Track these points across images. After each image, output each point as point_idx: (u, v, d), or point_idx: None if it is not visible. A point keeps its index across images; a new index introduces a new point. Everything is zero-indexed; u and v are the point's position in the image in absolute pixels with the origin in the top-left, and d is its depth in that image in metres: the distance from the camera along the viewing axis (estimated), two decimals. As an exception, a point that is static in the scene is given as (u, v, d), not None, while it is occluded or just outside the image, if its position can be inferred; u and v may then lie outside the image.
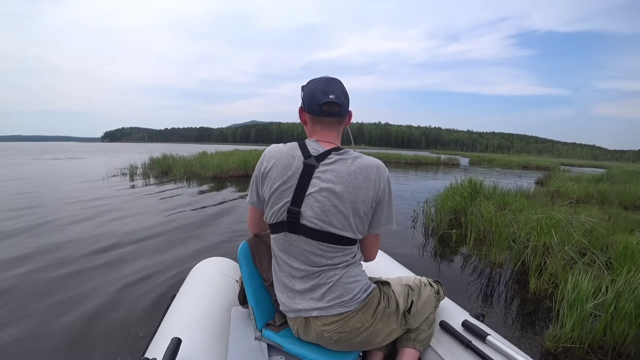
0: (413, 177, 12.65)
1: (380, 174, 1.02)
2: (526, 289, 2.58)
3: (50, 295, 2.28)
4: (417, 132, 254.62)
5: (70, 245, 3.30)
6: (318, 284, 1.02)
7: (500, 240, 3.21)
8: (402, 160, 22.30)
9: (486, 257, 3.27)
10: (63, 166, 14.24)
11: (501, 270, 2.99)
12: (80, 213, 4.77)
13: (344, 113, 1.07)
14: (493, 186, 5.73)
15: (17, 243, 3.33)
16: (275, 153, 1.04)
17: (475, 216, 3.95)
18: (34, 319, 1.99)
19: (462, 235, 3.94)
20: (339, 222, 0.98)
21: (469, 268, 3.09)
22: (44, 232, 3.76)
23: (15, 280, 2.47)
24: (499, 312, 2.28)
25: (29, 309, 2.10)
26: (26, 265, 2.75)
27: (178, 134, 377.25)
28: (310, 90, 1.04)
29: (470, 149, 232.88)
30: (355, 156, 1.03)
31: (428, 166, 20.00)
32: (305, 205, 0.98)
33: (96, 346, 1.75)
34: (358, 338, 1.05)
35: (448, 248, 3.68)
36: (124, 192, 6.85)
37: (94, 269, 2.75)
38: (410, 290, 1.20)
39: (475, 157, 34.01)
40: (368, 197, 1.00)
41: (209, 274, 1.64)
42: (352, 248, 1.05)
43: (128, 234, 3.79)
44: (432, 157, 25.12)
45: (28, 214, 4.60)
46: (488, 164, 26.87)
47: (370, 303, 1.06)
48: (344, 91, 1.06)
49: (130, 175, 9.66)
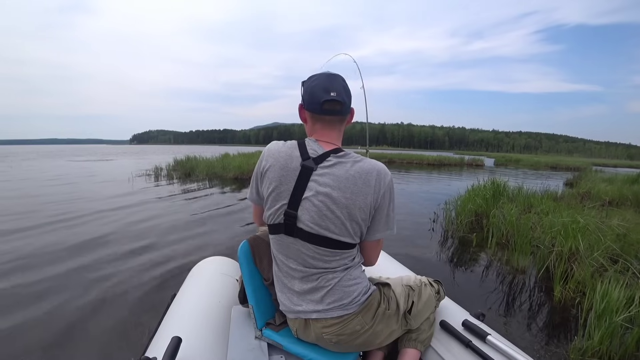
0: (435, 178, 12.37)
1: (380, 179, 0.97)
2: (550, 297, 2.44)
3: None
4: (440, 133, 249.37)
5: (103, 237, 3.47)
6: (317, 286, 1.00)
7: (523, 244, 3.06)
8: (424, 161, 21.88)
9: (508, 262, 3.12)
10: (91, 167, 14.93)
11: (524, 277, 2.85)
12: (102, 208, 4.97)
13: (345, 111, 1.03)
14: (518, 188, 5.50)
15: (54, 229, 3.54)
16: (274, 152, 1.01)
17: (498, 219, 3.79)
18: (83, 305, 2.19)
19: (483, 238, 3.79)
20: (336, 227, 0.95)
21: (489, 273, 2.96)
22: (72, 221, 3.96)
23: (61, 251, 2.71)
24: (520, 320, 2.16)
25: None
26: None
27: (202, 136, 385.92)
28: (310, 87, 1.00)
29: (495, 149, 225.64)
30: (355, 159, 0.98)
31: (451, 167, 19.52)
32: (302, 208, 0.95)
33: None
34: (358, 340, 1.04)
35: (468, 252, 3.54)
36: (146, 192, 7.08)
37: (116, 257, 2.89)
38: (410, 290, 1.18)
39: (500, 158, 32.78)
40: (366, 204, 0.96)
41: (209, 273, 1.64)
42: (350, 252, 1.02)
43: (147, 228, 3.90)
44: (456, 157, 24.55)
45: (53, 208, 4.83)
46: (514, 164, 25.95)
47: (370, 305, 1.04)
48: (346, 88, 1.02)
49: (155, 177, 10.06)
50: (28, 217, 4.58)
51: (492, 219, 3.89)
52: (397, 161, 22.54)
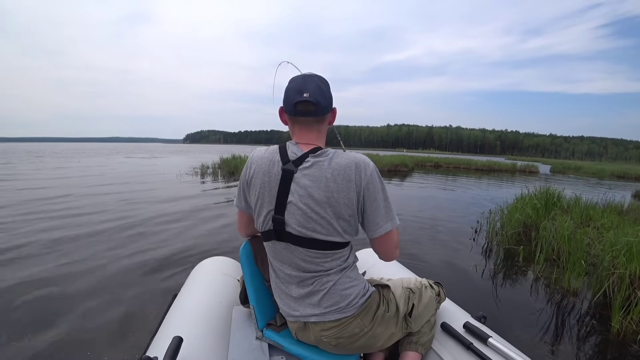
0: (483, 184, 11.67)
1: (360, 171, 0.94)
2: (607, 327, 2.12)
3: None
4: (491, 137, 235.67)
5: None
6: (313, 290, 1.00)
7: (576, 262, 2.72)
8: (472, 166, 20.83)
9: (557, 281, 2.79)
10: (146, 164, 16.19)
11: (575, 300, 2.52)
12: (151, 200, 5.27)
13: (320, 112, 0.99)
14: (575, 198, 4.98)
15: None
16: (257, 159, 1.01)
17: (548, 232, 3.43)
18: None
19: (531, 253, 3.45)
20: (323, 227, 0.94)
21: (534, 292, 2.67)
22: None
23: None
24: (570, 349, 1.89)
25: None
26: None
27: (250, 136, 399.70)
28: (287, 89, 0.99)
29: (553, 155, 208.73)
30: (331, 156, 0.95)
31: (501, 173, 18.36)
32: (288, 213, 0.95)
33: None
34: (357, 343, 1.04)
35: (512, 266, 3.23)
36: (192, 187, 7.43)
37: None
38: (411, 293, 1.18)
39: (558, 165, 30.17)
40: (350, 199, 0.93)
41: (210, 273, 1.64)
42: (342, 252, 1.00)
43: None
44: (507, 163, 23.11)
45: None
46: (573, 172, 23.76)
47: (369, 308, 1.03)
48: (322, 88, 0.98)
49: (201, 174, 10.78)
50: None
51: (542, 231, 3.53)
52: (444, 165, 21.75)
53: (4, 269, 2.70)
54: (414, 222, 5.02)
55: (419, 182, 11.45)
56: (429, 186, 10.31)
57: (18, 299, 2.21)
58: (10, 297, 2.22)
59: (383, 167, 15.88)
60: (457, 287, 2.68)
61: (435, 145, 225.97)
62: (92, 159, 18.92)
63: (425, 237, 4.23)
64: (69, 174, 10.57)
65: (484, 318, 1.29)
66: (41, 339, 1.80)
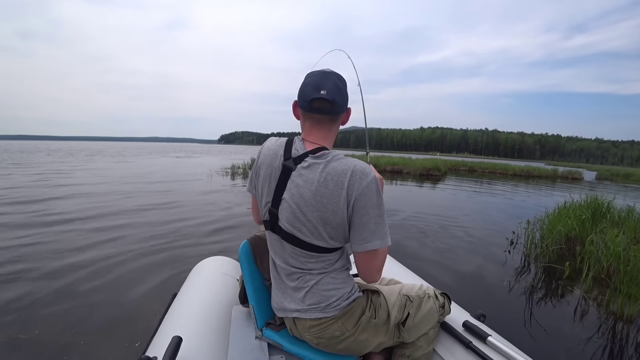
0: (520, 191, 10.96)
1: (356, 180, 0.90)
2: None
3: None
4: (530, 140, 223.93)
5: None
6: (298, 286, 1.00)
7: (632, 284, 2.36)
8: (509, 172, 19.87)
9: (608, 305, 2.44)
10: (181, 163, 16.84)
11: (630, 328, 2.18)
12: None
13: (335, 111, 0.97)
14: (627, 209, 4.48)
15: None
16: (266, 149, 1.02)
17: (597, 247, 3.05)
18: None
19: (575, 270, 3.08)
20: (308, 230, 0.94)
21: (579, 317, 2.34)
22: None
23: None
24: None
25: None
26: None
27: (283, 137, 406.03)
28: (303, 84, 0.98)
29: (599, 160, 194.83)
30: (329, 160, 0.93)
31: (540, 179, 17.28)
32: (281, 208, 0.96)
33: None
34: (339, 346, 1.02)
35: (553, 285, 2.89)
36: (221, 185, 7.53)
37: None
38: (408, 300, 1.11)
39: (605, 171, 27.90)
40: (339, 206, 0.90)
41: (210, 272, 1.64)
42: (327, 256, 0.98)
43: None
44: (547, 169, 21.80)
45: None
46: (622, 179, 21.88)
47: (352, 312, 1.01)
48: (339, 87, 0.96)
49: (231, 174, 11.23)
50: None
51: (589, 246, 3.16)
52: (479, 170, 20.92)
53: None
54: (443, 229, 4.73)
55: (451, 187, 11.00)
56: (462, 191, 9.84)
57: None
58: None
59: (415, 170, 15.46)
60: (485, 305, 2.43)
61: (470, 149, 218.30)
62: (145, 159, 19.93)
63: (455, 245, 3.95)
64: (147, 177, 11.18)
65: (483, 317, 1.29)
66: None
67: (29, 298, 2.24)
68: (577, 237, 3.66)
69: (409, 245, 3.88)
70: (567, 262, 3.11)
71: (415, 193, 9.20)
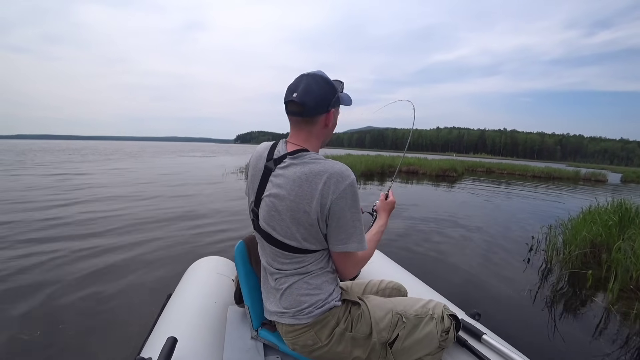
0: (540, 194, 10.63)
1: (331, 182, 0.90)
2: None
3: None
4: (550, 141, 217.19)
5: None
6: (276, 287, 1.01)
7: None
8: (528, 173, 19.32)
9: (637, 318, 2.29)
10: (195, 162, 17.02)
11: (663, 345, 2.03)
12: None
13: (307, 113, 0.96)
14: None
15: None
16: (255, 152, 1.06)
17: (625, 255, 2.88)
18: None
19: (601, 279, 2.92)
20: (281, 228, 0.95)
21: (604, 329, 2.20)
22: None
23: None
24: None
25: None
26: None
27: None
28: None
29: (624, 162, 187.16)
30: (307, 161, 0.94)
31: (562, 181, 16.74)
32: (260, 207, 0.98)
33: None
34: (314, 354, 1.00)
35: (576, 294, 2.75)
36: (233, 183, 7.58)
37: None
38: (400, 320, 1.03)
39: (630, 173, 26.66)
40: (311, 208, 0.90)
41: (205, 273, 1.64)
42: (301, 257, 0.97)
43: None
44: (569, 170, 21.11)
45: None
46: (650, 182, 21.10)
47: (325, 322, 0.98)
48: (313, 90, 0.94)
49: (246, 173, 11.09)
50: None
51: (616, 254, 2.99)
52: (497, 171, 20.46)
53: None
54: (457, 233, 4.60)
55: (468, 189, 10.76)
56: (479, 193, 9.59)
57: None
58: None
59: (431, 171, 15.21)
60: (502, 314, 2.33)
61: (487, 150, 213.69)
62: (166, 158, 20.37)
63: (470, 251, 3.83)
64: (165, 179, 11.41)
65: (478, 315, 1.30)
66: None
67: (30, 299, 2.24)
68: (603, 243, 3.48)
69: (420, 249, 3.79)
70: (590, 270, 2.95)
71: (429, 194, 9.05)
